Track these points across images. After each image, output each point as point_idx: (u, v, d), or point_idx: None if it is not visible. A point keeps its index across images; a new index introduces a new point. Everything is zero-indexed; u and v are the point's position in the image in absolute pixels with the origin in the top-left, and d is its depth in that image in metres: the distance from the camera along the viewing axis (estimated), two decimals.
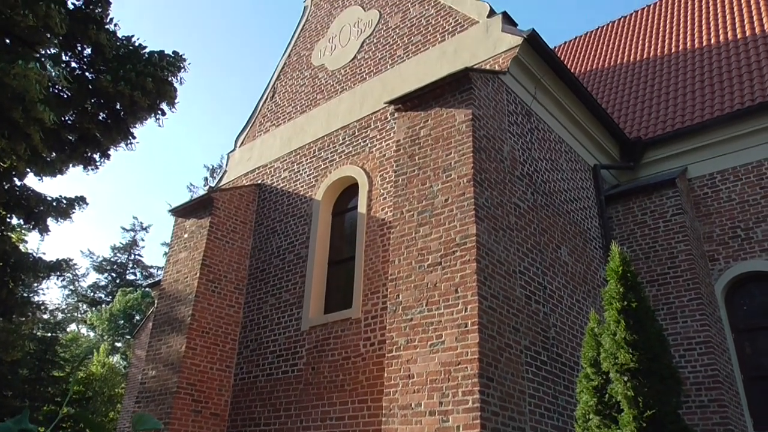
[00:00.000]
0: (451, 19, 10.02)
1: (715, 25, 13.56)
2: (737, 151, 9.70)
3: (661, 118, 11.15)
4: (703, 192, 9.84)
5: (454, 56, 9.51)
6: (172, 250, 11.29)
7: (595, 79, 14.80)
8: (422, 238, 7.05)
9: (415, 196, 7.42)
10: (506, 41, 8.81)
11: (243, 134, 13.33)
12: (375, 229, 9.29)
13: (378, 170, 9.71)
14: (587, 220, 9.38)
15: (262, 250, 11.12)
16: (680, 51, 13.43)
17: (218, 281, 10.56)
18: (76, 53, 7.16)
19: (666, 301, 8.79)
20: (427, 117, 7.85)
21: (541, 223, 8.06)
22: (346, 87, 11.34)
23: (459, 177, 7.06)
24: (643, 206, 9.56)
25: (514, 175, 7.83)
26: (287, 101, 12.67)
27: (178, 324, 10.11)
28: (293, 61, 13.21)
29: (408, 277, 6.92)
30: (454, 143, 7.34)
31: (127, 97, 6.95)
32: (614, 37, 16.58)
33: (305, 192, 10.89)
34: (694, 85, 11.61)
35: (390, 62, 10.71)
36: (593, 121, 10.04)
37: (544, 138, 8.95)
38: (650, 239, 9.29)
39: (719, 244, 9.40)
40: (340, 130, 10.85)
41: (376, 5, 11.73)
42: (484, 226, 6.76)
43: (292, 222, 10.83)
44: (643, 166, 10.65)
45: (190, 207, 11.39)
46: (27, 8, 5.53)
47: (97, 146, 7.69)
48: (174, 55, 7.53)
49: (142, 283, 41.67)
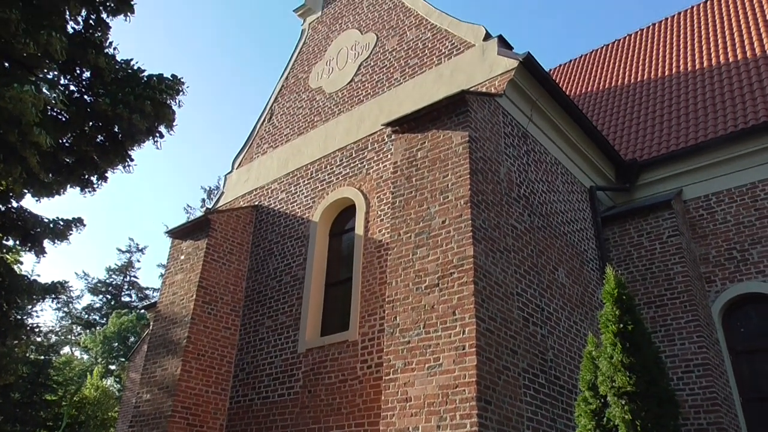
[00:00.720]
0: (448, 43, 10.13)
1: (707, 48, 13.74)
2: (732, 172, 9.76)
3: (656, 140, 11.24)
4: (698, 213, 9.88)
5: (451, 79, 9.60)
6: (169, 272, 11.25)
7: (591, 102, 14.94)
8: (419, 259, 7.05)
9: (412, 217, 7.43)
10: (502, 64, 8.91)
11: (240, 156, 13.37)
12: (372, 250, 9.29)
13: (375, 192, 9.74)
14: (584, 241, 9.40)
15: (258, 271, 11.09)
16: (674, 74, 13.59)
17: (214, 303, 10.51)
18: (75, 76, 7.21)
19: (663, 323, 8.77)
20: (424, 139, 7.90)
21: (538, 245, 8.07)
22: (344, 109, 11.42)
23: (456, 199, 7.08)
24: (640, 228, 9.59)
25: (510, 197, 7.86)
26: (285, 123, 12.74)
27: (173, 346, 10.03)
28: (291, 83, 13.32)
29: (405, 299, 6.90)
30: (451, 165, 7.38)
31: (125, 120, 6.99)
32: (609, 60, 16.79)
33: (302, 213, 10.90)
34: (687, 107, 11.73)
35: (387, 85, 10.80)
36: (589, 143, 10.11)
37: (540, 160, 9.01)
38: (647, 261, 9.31)
39: (715, 265, 9.42)
40: (337, 151, 10.90)
41: (374, 28, 11.87)
42: (481, 247, 6.77)
43: (289, 243, 10.82)
44: (638, 187, 10.70)
45: (187, 228, 11.37)
46: (28, 36, 5.58)
47: (94, 169, 7.69)
48: (173, 79, 7.59)
49: (137, 305, 41.42)
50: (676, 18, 16.44)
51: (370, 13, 12.19)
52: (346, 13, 12.89)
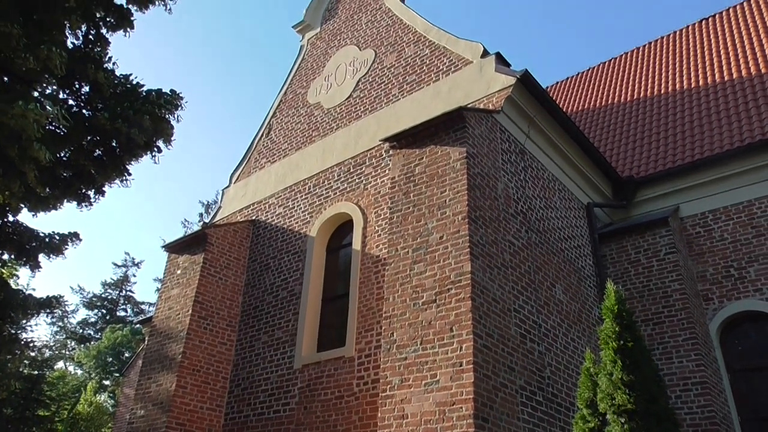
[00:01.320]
0: (446, 59, 10.20)
1: (703, 67, 13.85)
2: (728, 190, 9.79)
3: (653, 157, 11.29)
4: (695, 231, 9.90)
5: (449, 95, 9.64)
6: (165, 287, 11.20)
7: (588, 119, 15.02)
8: (417, 275, 7.03)
9: (409, 233, 7.42)
10: (500, 81, 8.96)
11: (238, 170, 13.38)
12: (369, 266, 9.26)
13: (373, 207, 9.74)
14: (581, 258, 9.40)
15: (255, 286, 11.05)
16: (670, 91, 13.68)
17: (210, 318, 10.45)
18: (73, 91, 7.22)
19: (661, 340, 8.74)
20: (422, 155, 7.91)
21: (536, 261, 8.06)
22: (342, 124, 11.46)
23: (454, 214, 7.08)
24: (637, 245, 9.59)
25: (508, 213, 7.87)
26: (283, 138, 12.77)
27: (168, 362, 9.95)
28: (289, 98, 13.37)
29: (402, 315, 6.86)
30: (449, 181, 7.39)
31: (123, 135, 6.99)
32: (606, 78, 16.90)
33: (299, 228, 10.88)
34: (683, 125, 11.80)
35: (385, 100, 10.85)
36: (586, 159, 10.15)
37: (537, 176, 9.03)
38: (644, 278, 9.30)
39: (713, 283, 9.41)
40: (335, 166, 10.91)
41: (372, 45, 11.94)
42: (478, 263, 6.75)
43: (285, 258, 10.79)
44: (635, 204, 10.73)
45: (184, 243, 11.34)
46: (28, 51, 5.59)
47: (91, 183, 7.68)
48: (171, 94, 7.60)
49: (132, 319, 41.17)
50: (673, 36, 16.58)
51: (368, 29, 12.28)
52: (344, 30, 12.98)
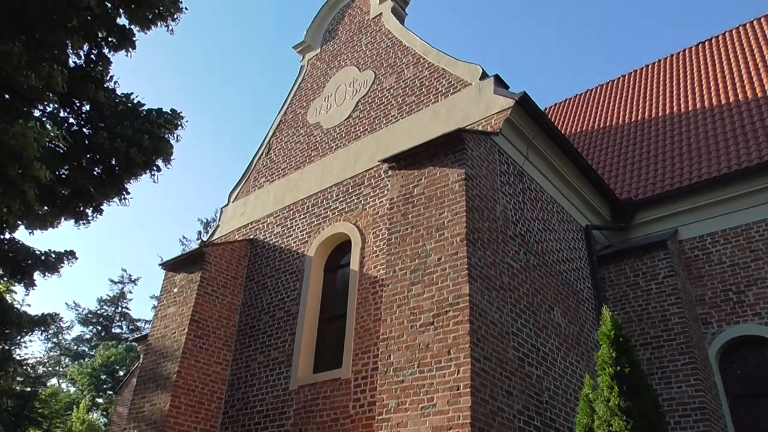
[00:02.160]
0: (445, 81, 10.26)
1: (700, 90, 13.95)
2: (726, 213, 9.81)
3: (651, 180, 11.32)
4: (694, 254, 9.89)
5: (447, 117, 9.69)
6: (161, 305, 11.13)
7: (586, 141, 15.09)
8: (414, 297, 7.00)
9: (408, 254, 7.40)
10: (498, 103, 9.00)
11: (237, 189, 13.38)
12: (367, 286, 9.23)
13: (371, 228, 9.72)
14: (580, 280, 9.37)
15: (252, 306, 10.99)
16: (668, 114, 13.76)
17: (206, 337, 10.38)
18: (74, 110, 7.24)
19: (660, 365, 8.68)
20: (420, 176, 7.92)
21: (534, 284, 8.03)
22: (341, 144, 11.49)
23: (452, 236, 7.07)
24: (635, 268, 9.57)
25: (506, 235, 7.85)
26: (282, 157, 12.80)
27: (163, 381, 9.86)
28: (289, 118, 13.42)
29: (400, 337, 6.82)
30: (448, 202, 7.39)
31: (123, 154, 7.00)
32: (604, 100, 17.01)
33: (297, 248, 10.85)
34: (681, 148, 11.85)
35: (384, 121, 10.89)
36: (584, 182, 10.17)
37: (536, 198, 9.03)
38: (643, 301, 9.27)
39: (711, 307, 9.38)
40: (333, 186, 10.92)
41: (372, 66, 12.02)
42: (477, 285, 6.73)
43: (283, 278, 10.74)
44: (634, 227, 10.73)
45: (181, 261, 11.30)
46: (30, 69, 5.63)
47: (90, 201, 7.67)
48: (172, 113, 7.63)
49: (128, 336, 40.88)
50: (671, 59, 16.73)
51: (368, 51, 12.37)
52: (344, 51, 13.08)
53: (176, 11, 7.61)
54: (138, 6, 7.13)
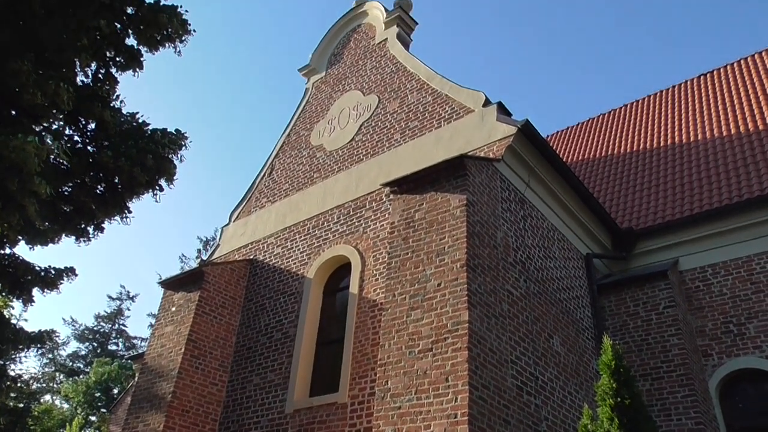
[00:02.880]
0: (448, 107, 10.33)
1: (701, 122, 14.03)
2: (727, 245, 9.80)
3: (652, 210, 11.33)
4: (694, 285, 9.85)
5: (450, 142, 9.74)
6: (158, 323, 11.08)
7: (588, 169, 15.14)
8: (413, 322, 6.96)
9: (407, 279, 7.38)
10: (501, 130, 9.05)
11: (238, 209, 13.41)
12: (366, 310, 9.18)
13: (371, 251, 9.71)
14: (580, 309, 9.32)
15: (249, 327, 10.93)
16: (669, 145, 13.83)
17: (203, 357, 10.30)
18: (79, 128, 7.30)
19: (660, 396, 8.59)
20: (422, 201, 7.94)
21: (534, 311, 8.00)
22: (343, 167, 11.53)
23: (452, 262, 7.05)
24: (636, 297, 9.53)
25: (507, 262, 7.84)
26: (284, 178, 12.84)
27: (158, 401, 9.76)
28: (292, 139, 13.50)
29: (398, 363, 6.77)
30: (449, 228, 7.39)
31: (126, 173, 7.04)
32: (606, 129, 17.10)
33: (297, 269, 10.83)
34: (683, 178, 11.88)
35: (387, 145, 10.95)
36: (585, 210, 10.18)
37: (537, 225, 9.04)
38: (643, 331, 9.21)
39: (712, 339, 9.32)
40: (335, 209, 10.94)
41: (376, 90, 12.12)
42: (476, 312, 6.70)
43: (282, 299, 10.70)
44: (635, 256, 10.71)
45: (180, 280, 11.27)
46: (37, 86, 5.68)
47: (91, 218, 7.68)
48: (176, 133, 7.69)
49: (124, 354, 40.58)
50: (673, 90, 16.85)
51: (373, 75, 12.48)
52: (349, 75, 13.20)
53: (184, 33, 7.70)
54: (147, 27, 7.22)
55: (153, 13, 7.35)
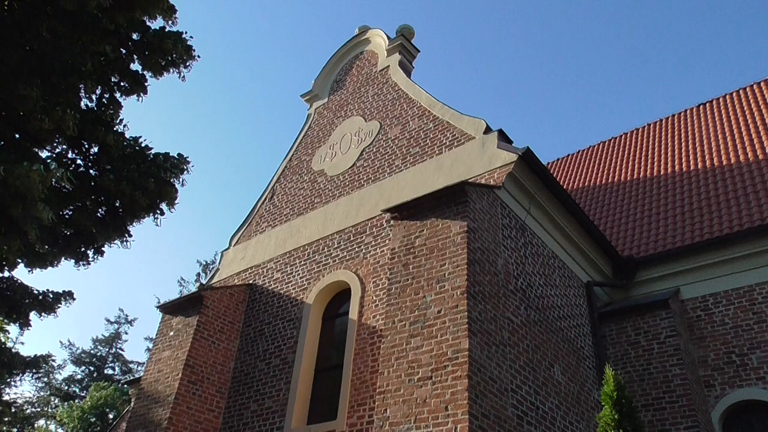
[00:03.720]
0: (449, 134, 10.39)
1: (701, 151, 14.10)
2: (728, 274, 9.77)
3: (653, 238, 11.32)
4: (696, 314, 9.79)
5: (451, 169, 9.77)
6: (156, 348, 10.99)
7: (588, 197, 15.17)
8: (413, 349, 6.90)
9: (407, 305, 7.34)
10: (501, 157, 9.09)
11: (239, 233, 13.40)
12: (365, 336, 9.12)
13: (371, 276, 9.68)
14: (580, 338, 9.26)
15: (248, 352, 10.84)
16: (669, 173, 13.87)
17: (200, 383, 10.19)
18: (82, 151, 7.34)
19: (662, 427, 8.48)
20: (422, 227, 7.94)
21: (534, 340, 7.94)
22: (344, 192, 11.56)
23: (453, 288, 7.02)
24: (637, 326, 9.47)
25: (507, 289, 7.81)
26: (285, 203, 12.86)
27: (153, 427, 9.63)
28: (294, 164, 13.55)
29: (397, 391, 6.69)
30: (449, 254, 7.37)
31: (127, 196, 7.05)
32: (607, 157, 17.16)
33: (296, 295, 10.78)
34: (683, 207, 11.89)
35: (388, 171, 10.98)
36: (586, 238, 10.17)
37: (537, 253, 9.02)
38: (644, 360, 9.12)
39: (714, 369, 9.23)
40: (335, 234, 10.93)
41: (377, 117, 12.21)
42: (476, 340, 6.64)
43: (280, 325, 10.64)
44: (636, 284, 10.67)
45: (179, 304, 11.21)
46: (43, 112, 5.73)
47: (91, 242, 7.68)
48: (178, 157, 7.73)
49: (120, 378, 40.15)
50: (673, 119, 16.95)
51: (374, 102, 12.59)
52: (351, 101, 13.31)
53: (189, 59, 7.79)
54: (152, 53, 7.32)
55: (158, 39, 7.45)
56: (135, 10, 6.56)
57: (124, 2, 6.37)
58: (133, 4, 6.45)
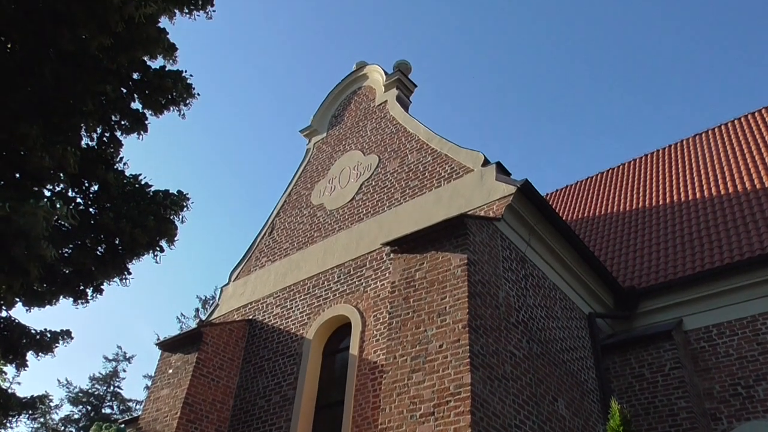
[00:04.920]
0: (447, 167, 10.44)
1: (699, 180, 14.14)
2: (731, 304, 9.69)
3: (654, 268, 11.27)
4: (700, 346, 9.69)
5: (450, 201, 9.80)
6: (155, 386, 10.85)
7: (588, 228, 15.17)
8: (415, 385, 6.81)
9: (408, 340, 7.27)
10: (500, 189, 9.13)
11: (238, 268, 13.36)
12: (366, 372, 9.01)
13: (372, 310, 9.62)
14: (584, 371, 9.15)
15: (247, 389, 10.70)
16: (668, 203, 13.90)
17: (199, 422, 10.03)
18: (82, 190, 7.37)
19: None
20: (422, 260, 7.92)
21: (537, 373, 7.84)
22: (344, 226, 11.57)
23: (454, 322, 6.97)
24: (641, 358, 9.36)
25: (509, 322, 7.75)
26: (285, 238, 12.86)
27: None
28: (293, 199, 13.60)
29: (399, 428, 6.58)
30: (450, 287, 7.33)
31: (127, 234, 7.06)
32: (605, 187, 17.21)
33: (297, 330, 10.69)
34: (683, 237, 11.87)
35: (387, 204, 11.01)
36: (587, 269, 10.13)
37: (538, 285, 8.98)
38: (649, 393, 8.99)
39: (720, 401, 9.09)
40: (335, 268, 10.90)
41: (376, 150, 12.30)
42: (479, 374, 6.57)
43: (280, 361, 10.52)
44: (638, 315, 10.58)
45: (178, 341, 11.11)
46: (44, 151, 5.79)
47: (90, 280, 7.66)
48: (178, 194, 7.76)
49: (118, 417, 39.49)
50: (673, 148, 17.00)
51: (373, 136, 12.69)
52: (350, 135, 13.42)
53: (189, 96, 7.89)
54: (152, 91, 7.42)
55: (158, 78, 7.56)
56: (137, 51, 6.67)
57: (125, 43, 6.48)
58: (135, 45, 6.57)
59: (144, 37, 6.65)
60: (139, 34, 6.60)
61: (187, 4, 7.25)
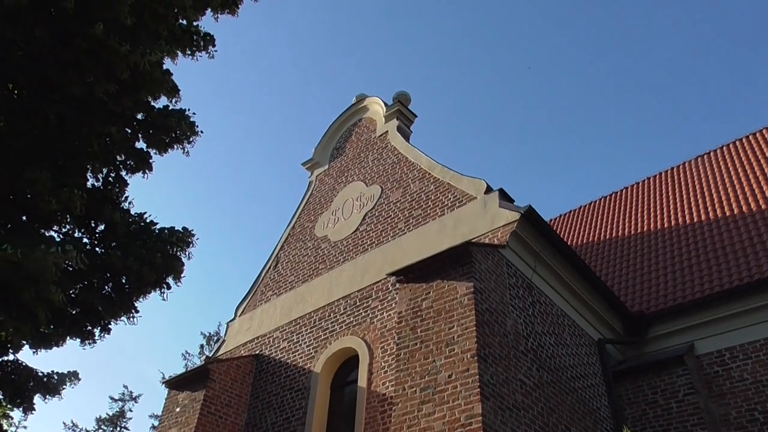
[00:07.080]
0: (450, 195, 10.46)
1: (703, 202, 14.08)
2: (743, 327, 9.53)
3: (662, 292, 11.15)
4: (713, 370, 9.52)
5: (454, 230, 9.79)
6: (162, 425, 10.73)
7: (594, 252, 15.08)
8: (425, 417, 6.72)
9: (417, 371, 7.20)
10: (504, 216, 9.12)
11: (244, 303, 13.31)
12: (375, 405, 8.90)
13: (379, 342, 9.54)
14: (596, 398, 9.01)
15: (255, 426, 10.56)
16: (674, 226, 13.81)
17: None
18: (89, 230, 7.42)
19: None
20: (428, 289, 7.88)
21: (549, 402, 7.73)
22: (348, 257, 11.55)
23: (462, 351, 6.90)
24: (653, 384, 9.20)
25: (518, 350, 7.67)
26: (290, 271, 12.83)
27: None
28: (297, 232, 13.61)
29: None
30: (457, 316, 7.28)
31: (134, 272, 7.08)
32: (609, 212, 17.16)
33: (304, 364, 10.60)
34: (690, 259, 11.78)
35: (391, 234, 11.00)
36: (594, 294, 10.05)
37: (546, 311, 8.91)
38: (664, 421, 8.82)
39: (738, 428, 8.88)
40: (341, 299, 10.85)
41: (378, 181, 12.35)
42: (489, 405, 6.48)
43: (288, 396, 10.40)
44: (649, 341, 10.42)
45: (185, 379, 11.02)
46: (52, 194, 5.85)
47: (98, 320, 7.65)
48: (183, 231, 7.79)
49: None
50: (674, 171, 16.97)
51: (375, 166, 12.76)
52: (352, 167, 13.50)
53: (192, 134, 7.99)
54: (156, 131, 7.52)
55: (162, 118, 7.66)
56: (141, 93, 6.77)
57: (130, 86, 6.58)
58: (139, 87, 6.67)
59: (149, 80, 6.77)
60: (144, 78, 6.71)
61: (190, 46, 7.38)
